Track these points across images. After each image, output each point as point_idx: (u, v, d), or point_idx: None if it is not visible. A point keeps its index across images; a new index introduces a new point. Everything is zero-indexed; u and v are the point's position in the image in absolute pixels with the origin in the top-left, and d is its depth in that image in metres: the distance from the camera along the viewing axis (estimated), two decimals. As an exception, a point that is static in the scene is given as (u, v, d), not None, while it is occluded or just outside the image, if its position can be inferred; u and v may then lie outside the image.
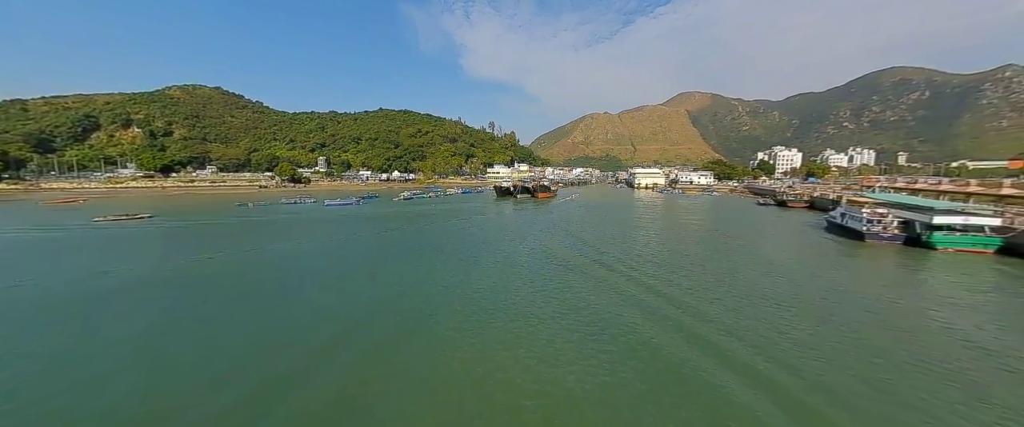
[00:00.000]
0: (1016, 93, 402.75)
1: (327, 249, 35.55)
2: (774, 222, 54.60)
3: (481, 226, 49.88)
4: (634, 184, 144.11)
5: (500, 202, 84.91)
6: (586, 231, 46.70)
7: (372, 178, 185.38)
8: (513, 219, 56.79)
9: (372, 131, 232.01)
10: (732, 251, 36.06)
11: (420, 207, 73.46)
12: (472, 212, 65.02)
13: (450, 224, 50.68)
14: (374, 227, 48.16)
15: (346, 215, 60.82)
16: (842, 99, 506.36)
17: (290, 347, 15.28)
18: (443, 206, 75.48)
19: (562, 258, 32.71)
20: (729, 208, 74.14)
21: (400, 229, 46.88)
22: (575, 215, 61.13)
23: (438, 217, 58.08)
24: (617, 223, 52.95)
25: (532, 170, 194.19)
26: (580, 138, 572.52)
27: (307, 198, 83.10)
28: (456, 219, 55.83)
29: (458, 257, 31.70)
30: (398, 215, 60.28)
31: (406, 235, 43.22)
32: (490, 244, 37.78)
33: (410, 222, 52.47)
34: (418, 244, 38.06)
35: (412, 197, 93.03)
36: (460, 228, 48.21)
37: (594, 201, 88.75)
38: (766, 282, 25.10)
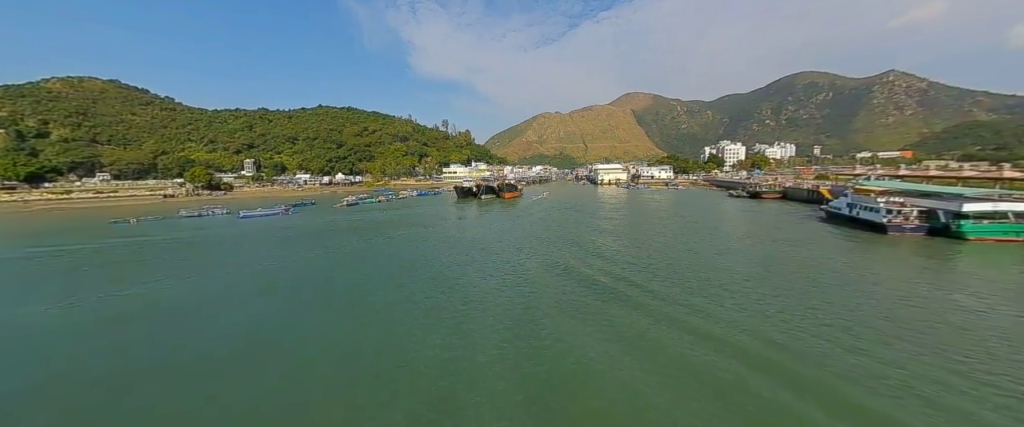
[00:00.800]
0: (897, 94, 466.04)
1: (213, 291, 22.13)
2: (761, 216, 49.04)
3: (447, 237, 38.24)
4: (597, 180, 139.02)
5: (462, 204, 73.20)
6: (589, 237, 36.99)
7: (312, 182, 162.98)
8: (485, 225, 45.67)
9: (310, 130, 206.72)
10: (758, 255, 28.53)
11: (367, 215, 59.63)
12: (431, 218, 52.88)
13: (405, 237, 38.46)
14: (299, 247, 34.53)
15: (266, 230, 45.84)
16: (764, 99, 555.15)
17: None
18: (395, 212, 62.22)
19: (591, 283, 22.39)
20: (704, 201, 69.12)
21: (336, 248, 33.78)
22: (558, 217, 51.46)
23: (389, 227, 45.30)
24: (619, 226, 44.08)
25: (491, 169, 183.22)
26: (534, 137, 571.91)
27: (217, 209, 64.91)
28: (413, 228, 43.59)
29: (430, 299, 20.09)
30: (337, 227, 46.49)
31: (343, 257, 30.50)
32: (473, 266, 26.46)
33: (352, 236, 39.42)
34: (360, 274, 25.70)
35: (357, 202, 77.78)
36: (421, 242, 36.16)
37: (569, 200, 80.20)
38: (817, 294, 19.54)
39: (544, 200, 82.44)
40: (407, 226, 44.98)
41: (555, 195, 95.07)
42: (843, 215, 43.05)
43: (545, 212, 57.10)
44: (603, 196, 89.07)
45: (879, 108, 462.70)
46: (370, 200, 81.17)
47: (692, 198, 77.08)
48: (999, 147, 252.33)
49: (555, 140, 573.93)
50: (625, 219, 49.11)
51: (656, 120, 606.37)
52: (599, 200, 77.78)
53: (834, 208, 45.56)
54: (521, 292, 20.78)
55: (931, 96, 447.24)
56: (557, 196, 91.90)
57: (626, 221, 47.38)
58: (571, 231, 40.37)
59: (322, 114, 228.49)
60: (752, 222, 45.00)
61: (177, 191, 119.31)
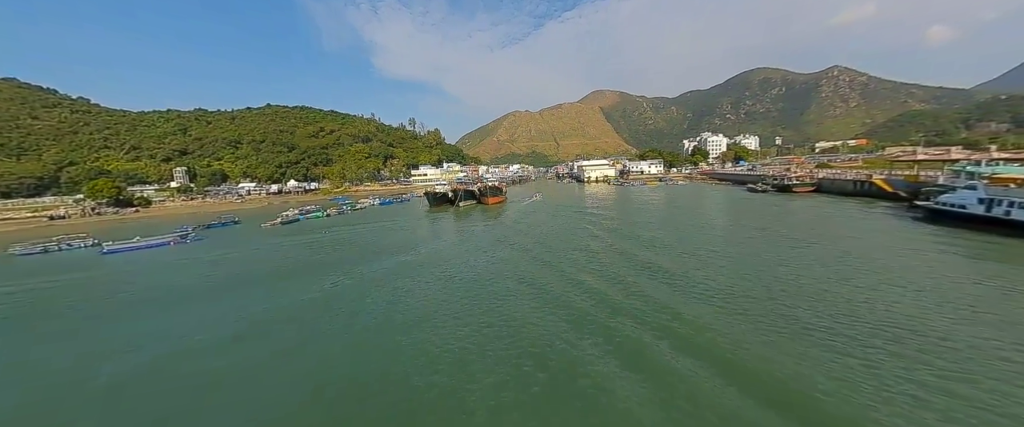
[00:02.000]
0: (842, 88, 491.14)
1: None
2: (827, 219, 35.66)
3: (424, 291, 21.30)
4: (583, 178, 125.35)
5: (436, 216, 56.15)
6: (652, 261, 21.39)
7: (258, 191, 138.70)
8: (481, 254, 29.13)
9: (257, 132, 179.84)
10: (896, 280, 13.83)
11: (301, 238, 41.49)
12: (394, 242, 35.73)
13: (343, 291, 21.36)
14: (122, 329, 16.82)
15: (125, 277, 27.28)
16: (723, 95, 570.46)
17: None
18: (343, 232, 44.31)
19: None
20: (722, 199, 55.96)
21: (193, 330, 16.30)
22: (586, 235, 35.64)
23: (320, 268, 27.71)
24: (656, 237, 28.97)
25: (465, 169, 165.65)
26: (505, 136, 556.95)
27: (78, 241, 44.00)
28: (362, 266, 26.45)
29: None
30: (237, 272, 28.39)
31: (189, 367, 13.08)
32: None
33: (250, 291, 22.00)
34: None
35: (298, 218, 58.54)
36: (373, 311, 18.94)
37: (568, 203, 64.93)
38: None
39: (537, 203, 66.92)
40: (354, 265, 27.67)
41: (547, 196, 79.84)
42: (971, 215, 30.18)
43: (555, 223, 41.30)
44: (598, 196, 74.84)
45: (827, 101, 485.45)
46: (315, 214, 61.77)
47: (704, 195, 64.21)
48: (938, 133, 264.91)
49: (527, 139, 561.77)
50: (668, 230, 34.18)
51: (624, 117, 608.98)
52: (602, 201, 63.22)
53: (949, 205, 32.65)
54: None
55: (871, 89, 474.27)
56: (550, 197, 76.66)
57: (671, 232, 32.45)
58: (637, 272, 24.80)
59: (271, 114, 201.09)
60: (821, 227, 31.38)
61: (72, 210, 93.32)
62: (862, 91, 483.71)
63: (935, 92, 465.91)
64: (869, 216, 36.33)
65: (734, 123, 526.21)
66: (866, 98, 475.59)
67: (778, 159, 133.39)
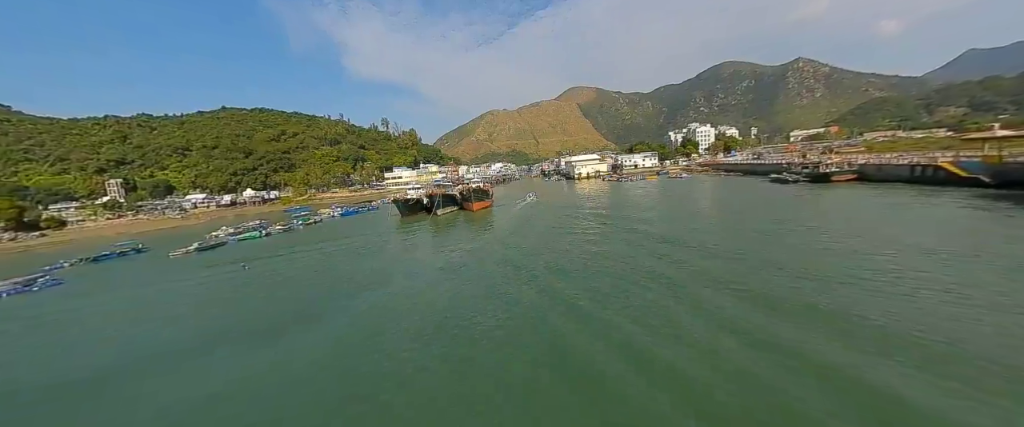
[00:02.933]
0: (807, 79, 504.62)
1: None
2: (931, 222, 25.83)
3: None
4: (573, 175, 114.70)
5: (409, 229, 43.63)
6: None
7: (207, 203, 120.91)
8: (483, 298, 17.00)
9: (209, 137, 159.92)
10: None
11: (213, 274, 28.24)
12: (344, 281, 23.08)
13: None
14: None
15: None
16: (696, 88, 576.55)
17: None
18: (279, 262, 31.22)
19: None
20: (745, 194, 46.26)
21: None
22: (624, 247, 23.93)
23: (190, 354, 15.01)
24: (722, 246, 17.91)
25: (444, 171, 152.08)
26: (484, 135, 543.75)
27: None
28: (270, 342, 14.01)
29: None
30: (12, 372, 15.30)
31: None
32: None
33: None
34: None
35: (227, 241, 44.52)
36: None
37: (575, 203, 53.52)
38: None
39: (533, 205, 55.33)
40: (255, 335, 15.01)
41: (541, 196, 68.28)
42: None
43: (575, 238, 29.54)
44: (598, 194, 64.05)
45: (794, 92, 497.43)
46: (250, 235, 47.59)
47: (724, 190, 54.48)
48: (903, 119, 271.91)
49: (505, 137, 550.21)
50: (743, 240, 23.15)
51: (601, 112, 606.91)
52: (609, 201, 52.33)
53: None
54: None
55: (834, 79, 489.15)
56: (546, 198, 65.12)
57: (731, 240, 21.42)
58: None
59: (226, 118, 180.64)
60: (921, 228, 21.22)
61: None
62: (825, 82, 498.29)
63: (892, 80, 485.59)
64: (951, 209, 26.77)
65: (707, 115, 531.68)
66: (830, 88, 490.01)
67: (767, 147, 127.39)
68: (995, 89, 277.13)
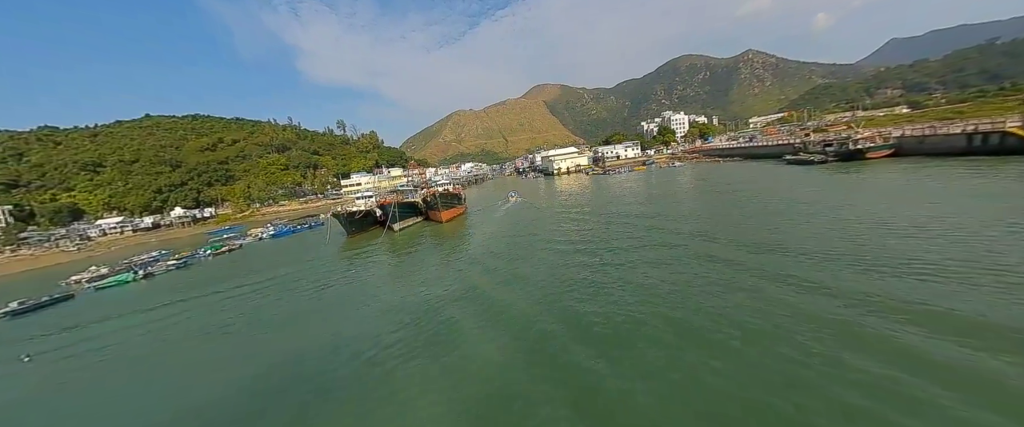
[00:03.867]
0: (757, 69, 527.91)
1: None
2: (966, 191, 17.67)
3: None
4: (551, 170, 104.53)
5: (356, 251, 31.20)
6: None
7: (119, 229, 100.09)
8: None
9: (128, 151, 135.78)
10: None
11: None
12: (212, 390, 10.82)
13: None
14: None
15: None
16: (656, 82, 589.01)
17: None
18: (131, 333, 18.25)
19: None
20: (767, 180, 37.90)
21: None
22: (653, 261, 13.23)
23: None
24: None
25: (409, 174, 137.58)
26: (451, 136, 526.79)
27: None
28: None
29: None
30: None
31: None
32: None
33: None
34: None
35: (88, 289, 29.90)
36: None
37: (566, 201, 42.65)
38: None
39: (519, 206, 44.26)
40: None
41: (526, 196, 57.07)
42: None
43: (594, 257, 18.33)
44: (586, 190, 54.11)
45: (746, 82, 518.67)
46: (119, 279, 32.83)
47: (735, 177, 45.97)
48: (848, 101, 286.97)
49: (474, 138, 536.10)
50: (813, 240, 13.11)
51: (567, 109, 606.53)
52: (604, 197, 42.15)
53: None
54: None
55: (781, 69, 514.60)
56: (532, 198, 53.96)
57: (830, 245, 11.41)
58: None
59: (150, 127, 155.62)
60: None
61: None
62: (774, 71, 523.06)
63: (831, 68, 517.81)
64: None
65: (669, 107, 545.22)
66: (778, 77, 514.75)
67: (751, 130, 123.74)
68: (923, 71, 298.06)
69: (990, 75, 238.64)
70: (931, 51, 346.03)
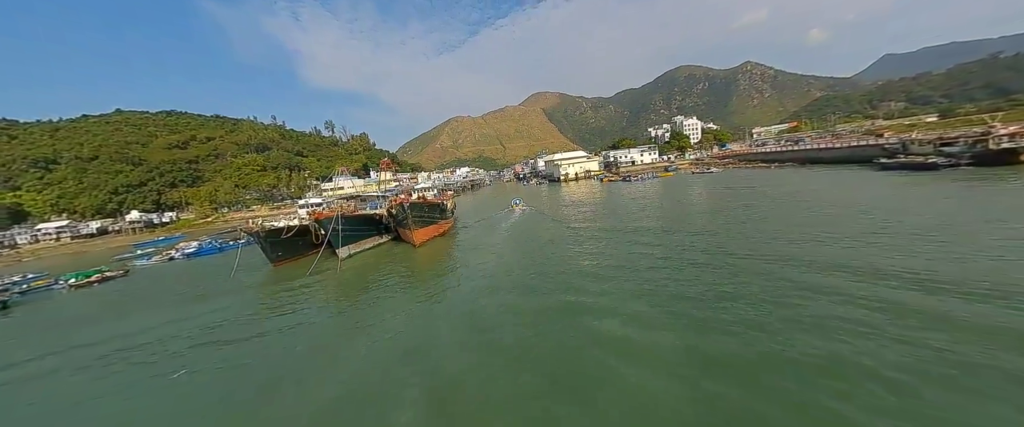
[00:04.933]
0: (756, 81, 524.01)
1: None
2: None
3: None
4: (557, 176, 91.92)
5: (280, 290, 18.00)
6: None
7: (58, 234, 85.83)
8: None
9: (89, 146, 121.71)
10: None
11: None
12: None
13: None
14: None
15: None
16: (655, 92, 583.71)
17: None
18: None
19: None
20: (873, 191, 25.57)
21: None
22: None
23: None
24: None
25: (399, 179, 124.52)
26: (448, 142, 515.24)
27: None
28: None
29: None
30: None
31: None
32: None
33: None
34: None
35: None
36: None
37: (608, 216, 29.92)
38: None
39: (526, 215, 31.53)
40: None
41: (529, 202, 44.23)
42: None
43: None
44: (610, 200, 41.66)
45: (745, 93, 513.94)
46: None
47: (799, 188, 33.64)
48: (850, 113, 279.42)
49: (471, 144, 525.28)
50: None
51: (566, 117, 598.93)
52: (649, 210, 29.44)
53: None
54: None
55: (780, 81, 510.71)
56: (542, 206, 41.09)
57: None
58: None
59: (118, 123, 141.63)
60: None
61: None
62: (772, 83, 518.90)
63: (829, 81, 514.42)
64: None
65: (668, 118, 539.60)
66: (776, 89, 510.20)
67: (764, 139, 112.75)
68: (927, 84, 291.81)
69: (996, 89, 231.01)
70: (925, 67, 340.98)
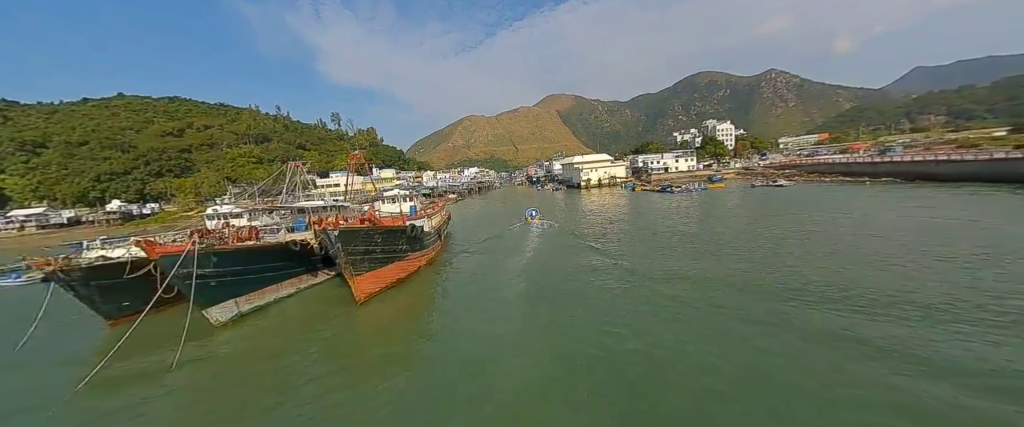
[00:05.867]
0: (780, 88, 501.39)
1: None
2: None
3: None
4: (577, 182, 79.93)
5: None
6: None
7: (22, 223, 77.64)
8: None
9: (81, 131, 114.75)
10: None
11: None
12: None
13: None
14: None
15: None
16: (673, 97, 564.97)
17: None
18: None
19: None
20: None
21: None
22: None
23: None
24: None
25: (402, 177, 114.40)
26: (460, 141, 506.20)
27: None
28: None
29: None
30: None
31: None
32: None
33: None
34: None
35: None
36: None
37: (649, 238, 18.54)
38: None
39: (546, 231, 20.13)
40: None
41: (549, 214, 32.85)
42: None
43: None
44: (635, 214, 29.71)
45: (768, 101, 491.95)
46: None
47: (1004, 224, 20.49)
48: (886, 126, 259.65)
49: (483, 143, 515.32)
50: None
51: (580, 120, 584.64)
52: (686, 233, 17.83)
53: None
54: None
55: (805, 90, 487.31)
56: (557, 218, 29.72)
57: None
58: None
59: (118, 106, 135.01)
60: None
61: None
62: (797, 92, 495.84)
63: (858, 92, 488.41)
64: None
65: (686, 124, 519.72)
66: (802, 98, 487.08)
67: (815, 147, 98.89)
68: (970, 98, 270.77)
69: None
70: (959, 80, 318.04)
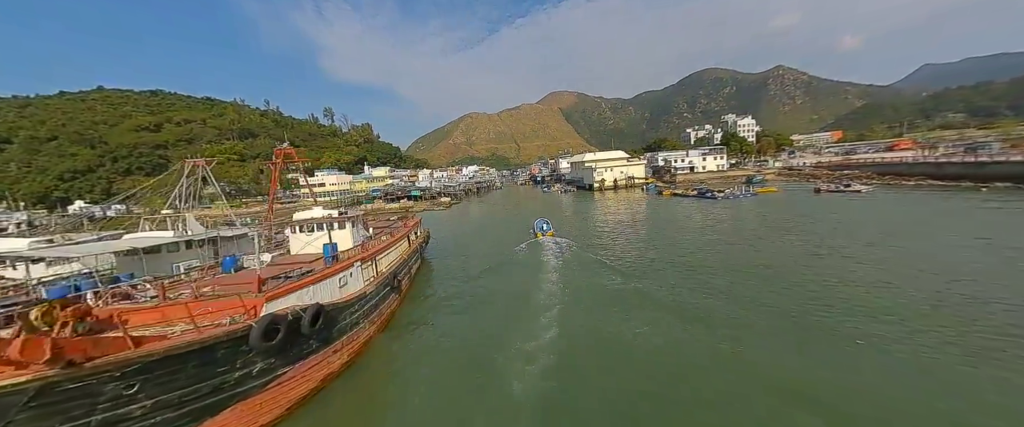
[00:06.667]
0: (788, 86, 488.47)
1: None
2: None
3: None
4: (589, 183, 70.25)
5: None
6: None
7: (14, 219, 68.59)
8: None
9: (51, 125, 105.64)
10: None
11: None
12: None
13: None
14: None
15: None
16: (677, 94, 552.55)
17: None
18: None
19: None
20: None
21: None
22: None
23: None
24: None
25: (395, 176, 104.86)
26: (462, 139, 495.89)
27: None
28: None
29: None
30: None
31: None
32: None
33: None
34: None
35: None
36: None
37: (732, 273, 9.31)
38: None
39: (567, 263, 11.04)
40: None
41: (563, 229, 23.47)
42: None
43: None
44: (680, 229, 20.25)
45: (775, 99, 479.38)
46: None
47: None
48: (900, 123, 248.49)
49: (485, 141, 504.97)
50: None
51: (583, 117, 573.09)
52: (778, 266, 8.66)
53: None
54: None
55: (813, 87, 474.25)
56: (582, 229, 20.45)
57: None
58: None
59: (97, 100, 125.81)
60: None
61: None
62: (805, 89, 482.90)
63: (867, 89, 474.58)
64: None
65: (691, 122, 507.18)
66: (810, 96, 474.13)
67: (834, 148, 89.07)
68: (990, 94, 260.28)
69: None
70: (969, 78, 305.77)
